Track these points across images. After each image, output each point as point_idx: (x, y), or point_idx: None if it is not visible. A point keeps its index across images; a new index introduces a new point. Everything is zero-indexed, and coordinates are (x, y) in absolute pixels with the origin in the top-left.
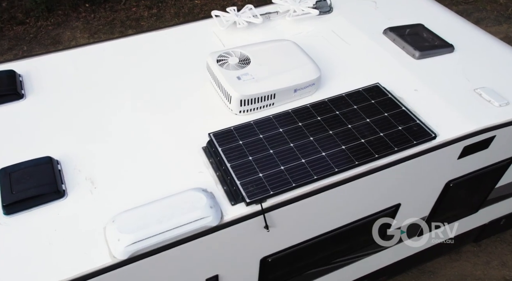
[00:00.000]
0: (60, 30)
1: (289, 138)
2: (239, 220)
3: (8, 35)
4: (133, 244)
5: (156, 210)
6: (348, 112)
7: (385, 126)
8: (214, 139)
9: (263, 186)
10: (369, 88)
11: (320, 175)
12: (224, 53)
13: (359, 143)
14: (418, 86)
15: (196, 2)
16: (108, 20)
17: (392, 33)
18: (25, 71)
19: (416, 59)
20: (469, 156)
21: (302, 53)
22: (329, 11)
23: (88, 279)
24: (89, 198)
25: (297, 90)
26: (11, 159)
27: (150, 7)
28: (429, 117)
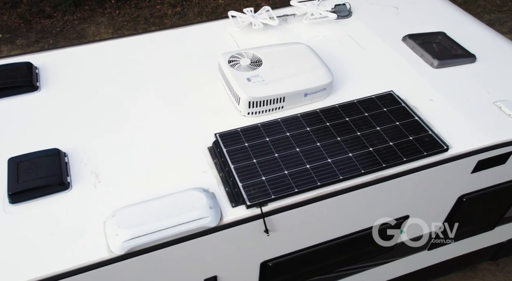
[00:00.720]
0: (86, 25)
1: (295, 142)
2: (239, 223)
3: (36, 28)
4: (131, 240)
5: (156, 208)
6: (359, 119)
7: (396, 136)
8: (220, 140)
9: (265, 190)
10: (382, 95)
11: (324, 182)
12: (236, 54)
13: (367, 151)
14: (434, 96)
15: (220, 2)
16: (133, 17)
17: (411, 40)
18: (42, 64)
19: (434, 68)
20: (484, 171)
21: (315, 57)
22: (348, 16)
23: (84, 272)
24: (92, 192)
25: (308, 95)
26: (21, 149)
27: (174, 5)
28: (443, 129)
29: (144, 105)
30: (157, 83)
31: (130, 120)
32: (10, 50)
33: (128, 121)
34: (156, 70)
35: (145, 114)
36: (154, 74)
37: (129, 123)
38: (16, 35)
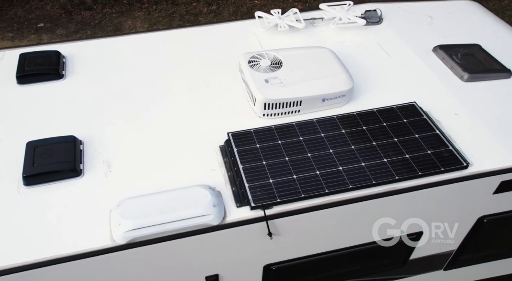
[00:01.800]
0: (123, 18)
1: (308, 147)
2: (242, 223)
3: (76, 19)
4: (133, 231)
5: (161, 201)
6: (376, 129)
7: (413, 148)
8: (232, 139)
9: (271, 193)
10: (404, 106)
11: (332, 190)
12: (257, 55)
13: (381, 162)
14: (460, 110)
15: (256, 2)
16: (168, 13)
17: (441, 51)
18: (70, 53)
19: (464, 81)
20: (509, 193)
21: (338, 63)
22: (378, 22)
23: (84, 258)
24: (102, 180)
25: (326, 100)
26: (40, 133)
27: (210, 4)
28: (466, 145)
29: (163, 100)
30: (178, 79)
31: (147, 114)
32: (49, 39)
33: (145, 114)
34: (178, 66)
35: (163, 108)
36: (176, 70)
37: (146, 116)
38: (56, 25)
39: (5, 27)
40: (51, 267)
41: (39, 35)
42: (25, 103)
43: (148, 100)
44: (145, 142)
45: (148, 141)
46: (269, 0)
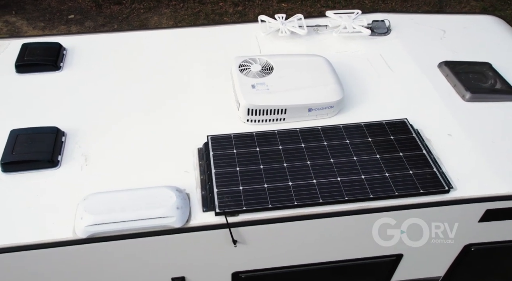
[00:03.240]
0: (149, 14)
1: (285, 157)
2: (205, 228)
3: (104, 13)
4: (93, 226)
5: (126, 199)
6: (360, 144)
7: (395, 167)
8: (210, 143)
9: (239, 200)
10: (394, 122)
11: (302, 202)
12: (249, 59)
13: (357, 178)
14: (454, 131)
15: (283, 5)
16: (194, 11)
17: (446, 67)
18: (71, 46)
19: (465, 101)
20: (497, 222)
21: (330, 73)
22: (385, 33)
23: (44, 248)
24: (77, 173)
25: (312, 110)
26: (27, 122)
27: (237, 4)
28: (453, 168)
29: (152, 99)
30: (171, 78)
31: (134, 111)
32: (77, 31)
33: (132, 111)
34: (173, 66)
35: (150, 107)
36: (170, 69)
37: (132, 114)
38: (86, 17)
39: (38, 16)
40: (12, 254)
41: (68, 26)
42: (19, 91)
43: (137, 98)
44: (127, 139)
45: (130, 139)
46: (296, 3)
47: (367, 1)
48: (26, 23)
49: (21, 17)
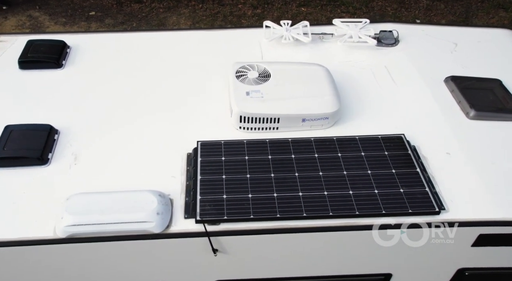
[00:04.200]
0: (168, 14)
1: (273, 167)
2: (186, 235)
3: (124, 11)
4: (72, 226)
5: (107, 201)
6: (352, 158)
7: (385, 184)
8: (200, 148)
9: (221, 209)
10: (390, 137)
11: (284, 215)
12: (247, 65)
13: (345, 193)
14: (453, 150)
15: (302, 10)
16: (213, 13)
17: (452, 82)
18: (76, 44)
19: (469, 118)
20: (491, 248)
21: (328, 83)
22: (393, 44)
23: (23, 246)
24: (65, 172)
25: (306, 120)
26: (23, 119)
27: (256, 7)
28: (447, 189)
29: (149, 101)
30: (169, 81)
31: (129, 113)
32: (97, 27)
33: (127, 113)
34: (173, 69)
35: (146, 109)
36: (170, 72)
37: (127, 116)
38: (106, 15)
39: (60, 12)
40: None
41: (88, 22)
42: (19, 87)
43: (134, 100)
44: (119, 140)
45: (122, 140)
46: (316, 8)
47: (389, 9)
48: (48, 18)
49: (44, 12)
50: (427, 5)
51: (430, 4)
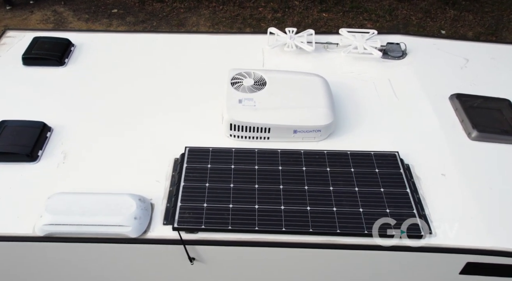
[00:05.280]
0: (189, 14)
1: (258, 178)
2: (162, 242)
3: (146, 10)
4: (50, 225)
5: (88, 202)
6: (340, 173)
7: (371, 203)
8: (187, 154)
9: (199, 217)
10: (384, 154)
11: (263, 228)
12: (244, 72)
13: (328, 210)
14: (450, 171)
15: (323, 15)
16: (233, 15)
17: (457, 100)
18: (81, 43)
19: (471, 139)
20: (482, 277)
21: (324, 95)
22: (399, 57)
23: (3, 241)
24: (53, 170)
25: (298, 132)
26: (20, 114)
27: (276, 11)
28: (438, 212)
29: (144, 104)
30: (168, 85)
31: (122, 115)
32: (118, 25)
33: (120, 115)
34: (172, 72)
35: (140, 112)
36: (171, 76)
37: (120, 117)
38: (128, 13)
39: (84, 8)
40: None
41: (110, 20)
42: (20, 83)
43: (130, 102)
44: (110, 141)
45: (113, 142)
46: (338, 15)
47: (414, 18)
48: (72, 14)
49: (68, 8)
50: (455, 16)
51: (457, 14)
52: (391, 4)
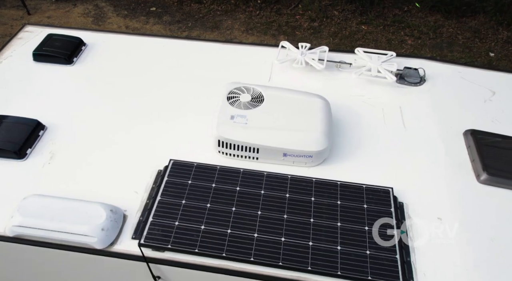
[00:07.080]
0: (225, 17)
1: (238, 201)
2: (126, 257)
3: (183, 10)
4: (18, 227)
5: (59, 207)
6: (325, 205)
7: (352, 241)
8: (170, 167)
9: (168, 236)
10: (376, 189)
11: (231, 255)
12: (242, 87)
13: (303, 243)
14: (448, 216)
15: (362, 27)
16: (269, 21)
17: (472, 137)
18: (93, 43)
19: (479, 182)
20: None
21: (323, 119)
22: (417, 84)
23: None
24: (37, 170)
25: (287, 155)
26: (18, 110)
27: (313, 20)
28: (424, 259)
29: (141, 110)
30: (167, 94)
31: (119, 120)
32: (154, 23)
33: (115, 119)
34: (175, 80)
35: (135, 119)
36: (171, 83)
37: (114, 122)
38: (165, 12)
39: (124, 5)
40: None
41: (147, 18)
42: (28, 78)
43: (127, 107)
44: (98, 146)
45: (101, 147)
46: (378, 28)
47: (460, 37)
48: (112, 9)
49: (109, 3)
50: (508, 37)
51: (511, 36)
52: (436, 21)
